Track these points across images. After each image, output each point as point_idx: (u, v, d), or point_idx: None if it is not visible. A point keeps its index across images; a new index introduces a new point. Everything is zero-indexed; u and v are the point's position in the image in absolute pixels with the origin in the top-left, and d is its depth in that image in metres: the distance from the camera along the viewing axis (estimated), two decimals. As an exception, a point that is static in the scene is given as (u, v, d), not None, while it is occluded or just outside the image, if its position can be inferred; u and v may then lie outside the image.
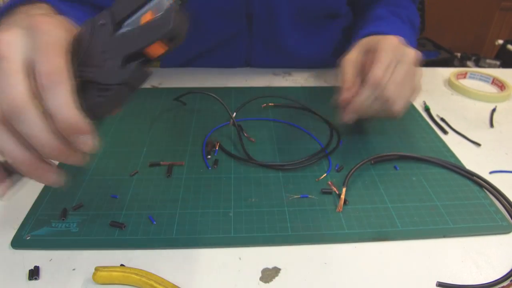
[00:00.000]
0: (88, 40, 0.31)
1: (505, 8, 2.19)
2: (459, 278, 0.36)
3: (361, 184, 0.46)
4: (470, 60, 2.04)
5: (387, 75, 0.48)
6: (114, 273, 0.34)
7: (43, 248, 0.38)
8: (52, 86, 0.28)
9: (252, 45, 0.72)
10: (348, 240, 0.39)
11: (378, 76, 0.48)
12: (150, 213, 0.41)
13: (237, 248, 0.38)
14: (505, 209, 0.43)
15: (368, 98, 0.48)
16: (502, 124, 0.60)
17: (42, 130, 0.29)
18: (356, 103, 0.49)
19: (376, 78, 0.48)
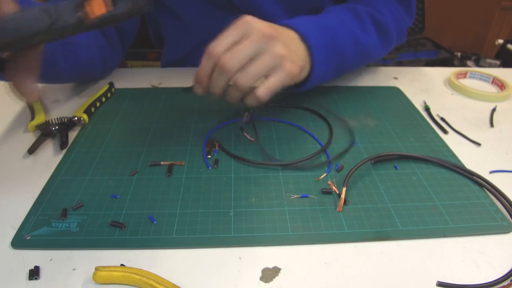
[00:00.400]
0: None
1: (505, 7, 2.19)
2: (459, 278, 0.36)
3: (361, 184, 0.46)
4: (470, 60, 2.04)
5: (221, 45, 0.45)
6: (114, 273, 0.34)
7: (43, 248, 0.38)
8: None
9: None
10: (349, 239, 0.39)
11: (212, 45, 0.45)
12: (150, 213, 0.41)
13: (237, 248, 0.38)
14: (505, 208, 0.43)
15: (204, 67, 0.46)
16: (502, 123, 0.60)
17: None
18: (197, 72, 0.47)
19: (209, 47, 0.45)
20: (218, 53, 0.44)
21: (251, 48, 0.44)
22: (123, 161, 0.49)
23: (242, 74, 0.45)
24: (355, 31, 0.59)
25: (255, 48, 0.44)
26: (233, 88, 0.47)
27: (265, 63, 0.45)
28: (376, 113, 0.61)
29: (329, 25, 0.56)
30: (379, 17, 0.63)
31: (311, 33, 0.52)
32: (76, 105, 0.61)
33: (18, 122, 0.58)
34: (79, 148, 0.51)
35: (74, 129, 0.56)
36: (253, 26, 0.45)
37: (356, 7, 0.62)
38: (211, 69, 0.45)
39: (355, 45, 0.59)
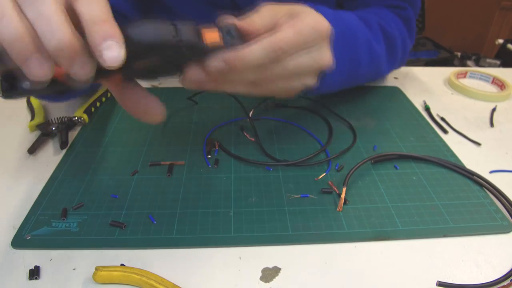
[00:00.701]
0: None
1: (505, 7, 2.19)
2: (459, 278, 0.36)
3: (361, 184, 0.46)
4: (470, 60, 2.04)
5: (291, 51, 0.37)
6: (115, 272, 0.34)
7: (43, 248, 0.38)
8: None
9: None
10: (349, 239, 0.39)
11: (283, 40, 0.36)
12: (151, 213, 0.41)
13: (237, 248, 0.38)
14: (505, 208, 0.43)
15: (259, 58, 0.35)
16: (502, 123, 0.60)
17: (55, 10, 0.26)
18: (244, 57, 0.35)
19: (279, 41, 0.35)
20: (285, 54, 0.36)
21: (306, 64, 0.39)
22: (123, 161, 0.49)
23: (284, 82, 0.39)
24: (369, 38, 0.55)
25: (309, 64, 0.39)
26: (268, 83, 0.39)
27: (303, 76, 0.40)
28: (376, 113, 0.61)
29: (349, 26, 0.51)
30: (387, 29, 0.60)
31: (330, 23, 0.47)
32: (76, 105, 0.61)
33: (18, 122, 0.58)
34: (79, 148, 0.51)
35: (74, 129, 0.56)
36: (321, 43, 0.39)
37: (366, 16, 0.58)
38: (264, 61, 0.36)
39: (369, 52, 0.55)
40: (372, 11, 0.61)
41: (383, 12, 0.62)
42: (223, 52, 0.34)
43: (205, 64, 0.34)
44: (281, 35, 0.35)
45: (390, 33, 0.59)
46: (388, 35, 0.59)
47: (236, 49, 0.34)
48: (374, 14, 0.59)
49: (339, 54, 0.47)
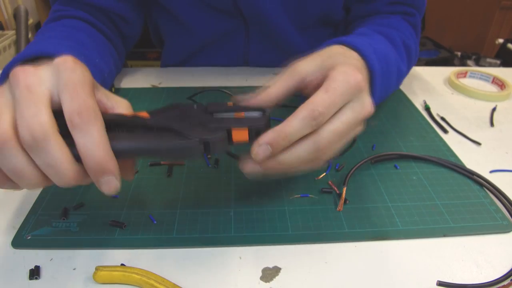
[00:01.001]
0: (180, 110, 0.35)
1: (505, 7, 2.19)
2: (459, 277, 0.36)
3: (361, 183, 0.46)
4: (470, 59, 2.04)
5: (329, 112, 0.35)
6: (115, 272, 0.34)
7: (43, 248, 0.38)
8: (84, 125, 0.29)
9: (249, 42, 0.72)
10: (349, 239, 0.39)
11: (319, 106, 0.34)
12: (151, 213, 0.41)
13: (238, 247, 0.38)
14: (506, 208, 0.43)
15: (300, 130, 0.34)
16: (503, 123, 0.60)
17: (63, 161, 0.29)
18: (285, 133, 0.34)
19: (315, 108, 0.34)
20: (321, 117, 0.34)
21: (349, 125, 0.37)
22: (123, 161, 0.49)
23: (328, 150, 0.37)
24: (398, 60, 0.54)
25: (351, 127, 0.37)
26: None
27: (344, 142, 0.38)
28: (376, 113, 0.60)
29: (383, 52, 0.49)
30: (408, 42, 0.59)
31: (375, 61, 0.44)
32: (76, 105, 0.61)
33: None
34: (79, 148, 0.51)
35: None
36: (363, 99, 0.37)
37: (391, 33, 0.56)
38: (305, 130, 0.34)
39: (398, 75, 0.54)
40: (393, 25, 0.60)
41: (402, 24, 0.62)
42: (263, 136, 0.34)
43: (252, 155, 0.34)
44: (316, 100, 0.34)
45: (410, 47, 0.59)
46: (408, 49, 0.59)
47: (274, 129, 0.34)
48: (395, 29, 0.59)
49: (380, 89, 0.46)
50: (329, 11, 0.68)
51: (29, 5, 1.79)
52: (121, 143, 0.32)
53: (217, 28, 0.70)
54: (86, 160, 0.29)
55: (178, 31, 0.73)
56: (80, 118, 0.29)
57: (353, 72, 0.36)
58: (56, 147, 0.29)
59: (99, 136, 0.29)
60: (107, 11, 0.62)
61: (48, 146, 0.28)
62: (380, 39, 0.53)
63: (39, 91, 0.29)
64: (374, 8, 0.65)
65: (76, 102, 0.29)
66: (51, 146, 0.28)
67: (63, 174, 0.29)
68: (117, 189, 0.31)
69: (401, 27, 0.61)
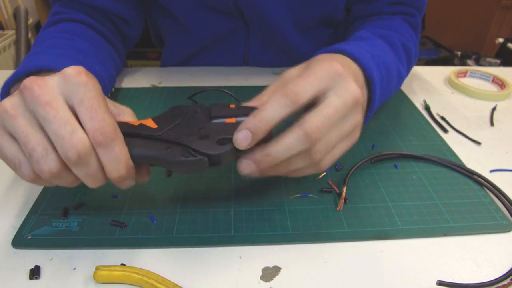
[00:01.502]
0: (184, 117, 0.37)
1: (505, 6, 2.19)
2: (459, 277, 0.36)
3: (361, 183, 0.46)
4: (470, 59, 2.04)
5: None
6: (115, 272, 0.34)
7: (43, 248, 0.38)
8: (107, 143, 0.31)
9: (250, 43, 0.72)
10: (349, 238, 0.39)
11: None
12: (151, 212, 0.41)
13: (238, 247, 0.38)
14: (506, 207, 0.43)
15: (276, 110, 0.34)
16: (503, 122, 0.60)
17: (98, 173, 0.33)
18: (261, 115, 0.34)
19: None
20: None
21: (345, 135, 0.37)
22: (124, 161, 0.49)
23: (326, 159, 0.37)
24: (398, 65, 0.53)
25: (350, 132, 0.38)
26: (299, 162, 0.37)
27: (344, 134, 0.37)
28: (376, 112, 0.61)
29: (383, 58, 0.48)
30: (408, 44, 0.58)
31: (374, 69, 0.44)
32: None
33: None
34: (80, 147, 0.51)
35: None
36: (350, 93, 0.36)
37: (390, 35, 0.56)
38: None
39: (398, 78, 0.54)
40: (393, 27, 0.60)
41: (402, 26, 0.62)
42: (242, 123, 0.34)
43: (235, 144, 0.35)
44: (290, 83, 0.35)
45: (410, 49, 0.59)
46: (408, 52, 0.59)
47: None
48: (396, 32, 0.58)
49: (380, 96, 0.46)
50: (331, 12, 0.68)
51: (29, 5, 1.79)
52: (138, 150, 0.34)
53: (217, 29, 0.70)
54: (110, 174, 0.33)
55: (178, 32, 0.73)
56: (103, 136, 0.31)
57: (331, 63, 0.36)
58: (94, 162, 0.32)
59: (121, 152, 0.32)
60: (107, 12, 0.62)
61: (91, 161, 0.32)
62: (380, 43, 0.52)
63: (61, 106, 0.31)
64: (375, 9, 0.65)
65: (97, 121, 0.31)
66: (91, 162, 0.32)
67: (97, 182, 0.33)
68: (131, 186, 0.35)
69: (401, 29, 0.61)
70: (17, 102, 0.32)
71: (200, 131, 0.36)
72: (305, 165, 0.37)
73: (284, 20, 0.67)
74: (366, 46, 0.48)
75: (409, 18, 0.64)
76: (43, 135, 0.31)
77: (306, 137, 0.34)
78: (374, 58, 0.46)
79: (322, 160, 0.37)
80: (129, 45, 0.71)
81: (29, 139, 0.31)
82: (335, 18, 0.71)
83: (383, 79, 0.47)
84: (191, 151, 0.34)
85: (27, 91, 0.31)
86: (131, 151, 0.33)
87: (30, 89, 0.31)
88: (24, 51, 1.60)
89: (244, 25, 0.70)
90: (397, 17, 0.63)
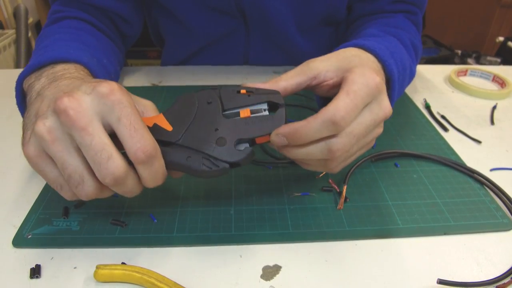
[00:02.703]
0: (196, 112, 0.36)
1: (505, 5, 2.18)
2: (459, 275, 0.36)
3: (361, 182, 0.46)
4: (471, 58, 2.04)
5: (350, 117, 0.34)
6: (115, 271, 0.34)
7: (44, 247, 0.38)
8: (148, 160, 0.32)
9: (250, 42, 0.72)
10: (349, 237, 0.39)
11: (340, 113, 0.33)
12: (151, 212, 0.41)
13: (238, 246, 0.38)
14: (506, 206, 0.43)
15: (318, 132, 0.34)
16: (503, 121, 0.60)
17: (135, 187, 0.34)
18: (301, 132, 0.34)
19: (337, 115, 0.33)
20: (342, 125, 0.34)
21: (367, 130, 0.37)
22: (124, 160, 0.49)
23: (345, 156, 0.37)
24: (410, 63, 0.53)
25: (371, 131, 0.38)
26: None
27: (365, 147, 0.39)
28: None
29: (399, 56, 0.48)
30: (416, 43, 0.59)
31: (393, 65, 0.44)
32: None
33: (19, 121, 0.58)
34: (80, 146, 0.51)
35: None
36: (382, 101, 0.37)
37: (400, 34, 0.56)
38: (320, 136, 0.35)
39: (409, 76, 0.53)
40: (399, 25, 0.60)
41: (406, 24, 0.62)
42: (284, 127, 0.35)
43: (270, 140, 0.36)
44: (339, 104, 0.34)
45: (417, 47, 0.59)
46: (416, 50, 0.59)
47: (293, 125, 0.35)
48: (403, 30, 0.58)
49: (397, 93, 0.46)
50: (333, 11, 0.68)
51: (29, 4, 1.79)
52: (169, 159, 0.35)
53: (218, 29, 0.70)
54: (148, 185, 0.34)
55: (178, 31, 0.73)
56: (145, 155, 0.32)
57: (371, 75, 0.36)
58: (132, 181, 0.33)
59: (160, 166, 0.34)
60: (106, 10, 0.62)
61: (127, 182, 0.33)
62: (393, 41, 0.52)
63: (98, 133, 0.31)
64: (377, 7, 0.65)
65: (137, 139, 0.31)
66: (130, 181, 0.33)
67: (134, 193, 0.35)
68: None
69: (406, 27, 0.60)
70: (54, 126, 0.32)
71: (217, 132, 0.36)
72: (320, 163, 0.38)
73: (286, 20, 0.67)
74: (384, 42, 0.48)
75: (411, 16, 0.64)
76: (80, 160, 0.32)
77: (330, 152, 0.35)
78: (393, 55, 0.45)
79: (336, 167, 0.38)
80: (128, 43, 0.71)
81: (66, 166, 0.32)
82: (337, 17, 0.70)
83: (400, 76, 0.47)
84: (212, 160, 0.35)
85: (63, 115, 0.31)
86: (164, 160, 0.34)
87: (65, 113, 0.31)
88: (24, 51, 1.60)
89: (244, 24, 0.70)
90: (399, 15, 0.63)
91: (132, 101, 0.33)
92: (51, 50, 0.46)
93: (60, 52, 0.45)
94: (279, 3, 0.64)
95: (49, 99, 0.35)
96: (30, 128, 0.34)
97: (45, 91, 0.38)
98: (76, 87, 0.33)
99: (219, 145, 0.35)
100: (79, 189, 0.32)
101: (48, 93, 0.37)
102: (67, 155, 0.32)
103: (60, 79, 0.40)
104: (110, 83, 0.33)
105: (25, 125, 0.36)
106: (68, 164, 0.32)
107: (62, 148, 0.32)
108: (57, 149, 0.32)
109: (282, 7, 0.65)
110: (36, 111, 0.35)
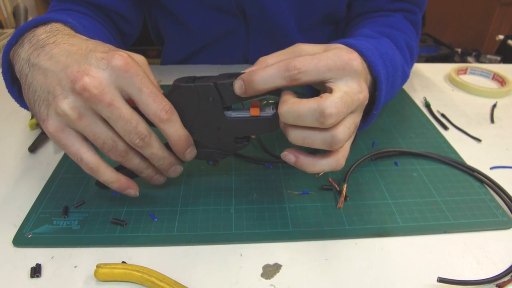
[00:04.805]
0: (198, 108, 0.38)
1: (505, 3, 2.18)
2: (459, 274, 0.36)
3: (361, 180, 0.46)
4: (471, 56, 2.04)
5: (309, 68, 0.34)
6: (116, 270, 0.34)
7: (44, 246, 0.38)
8: (170, 118, 0.36)
9: (250, 41, 0.72)
10: (349, 236, 0.39)
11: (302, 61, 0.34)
12: (151, 211, 0.41)
13: (238, 245, 0.38)
14: (506, 204, 0.43)
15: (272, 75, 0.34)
16: (503, 119, 0.60)
17: (160, 148, 0.38)
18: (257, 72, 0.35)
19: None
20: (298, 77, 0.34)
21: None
22: (124, 159, 0.49)
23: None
24: (403, 64, 0.52)
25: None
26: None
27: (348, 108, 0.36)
28: (377, 110, 0.61)
29: (390, 57, 0.47)
30: (411, 43, 0.58)
31: (380, 66, 0.43)
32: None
33: (18, 120, 0.58)
34: (80, 146, 0.51)
35: (75, 127, 0.56)
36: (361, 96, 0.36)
37: (395, 35, 0.55)
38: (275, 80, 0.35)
39: (402, 78, 0.53)
40: (396, 26, 0.59)
41: (404, 24, 0.61)
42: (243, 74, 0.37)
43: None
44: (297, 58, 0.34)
45: (412, 48, 0.58)
46: (411, 51, 0.58)
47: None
48: (399, 30, 0.58)
49: (385, 94, 0.45)
50: (334, 10, 0.68)
51: (29, 3, 1.79)
52: None
53: (218, 28, 0.70)
54: (176, 142, 0.38)
55: (178, 30, 0.73)
56: (167, 114, 0.36)
57: (347, 51, 0.36)
58: (155, 141, 0.37)
59: (180, 123, 0.38)
60: (105, 8, 0.62)
61: (152, 142, 0.37)
62: (386, 42, 0.51)
63: (120, 104, 0.35)
64: (376, 5, 0.65)
65: (158, 102, 0.35)
66: (154, 141, 0.37)
67: (161, 158, 0.39)
68: (193, 156, 0.41)
69: (403, 27, 0.60)
70: (76, 104, 0.34)
71: (219, 131, 0.39)
72: (322, 142, 0.36)
73: (286, 18, 0.67)
74: (374, 43, 0.47)
75: (410, 15, 0.64)
76: (107, 127, 0.36)
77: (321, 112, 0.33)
78: (382, 56, 0.45)
79: (339, 141, 0.35)
80: (128, 42, 0.71)
81: (98, 136, 0.35)
82: (337, 15, 0.70)
83: (389, 78, 0.46)
84: (216, 157, 0.41)
85: (86, 93, 0.33)
86: None
87: (89, 92, 0.33)
88: (24, 50, 1.59)
89: (245, 23, 0.70)
90: (398, 14, 0.63)
91: (145, 67, 0.37)
92: (54, 15, 0.43)
93: (41, 18, 0.42)
94: (280, 1, 0.64)
95: (55, 74, 0.35)
96: (45, 106, 0.35)
97: (39, 61, 0.36)
98: (85, 61, 0.35)
99: (217, 140, 0.40)
100: (113, 152, 0.36)
101: (45, 65, 0.36)
102: (95, 127, 0.35)
103: (47, 45, 0.38)
104: (121, 54, 0.35)
105: (34, 101, 0.36)
106: (100, 133, 0.35)
107: (89, 122, 0.35)
108: (85, 124, 0.35)
109: (283, 5, 0.65)
110: (47, 89, 0.35)
